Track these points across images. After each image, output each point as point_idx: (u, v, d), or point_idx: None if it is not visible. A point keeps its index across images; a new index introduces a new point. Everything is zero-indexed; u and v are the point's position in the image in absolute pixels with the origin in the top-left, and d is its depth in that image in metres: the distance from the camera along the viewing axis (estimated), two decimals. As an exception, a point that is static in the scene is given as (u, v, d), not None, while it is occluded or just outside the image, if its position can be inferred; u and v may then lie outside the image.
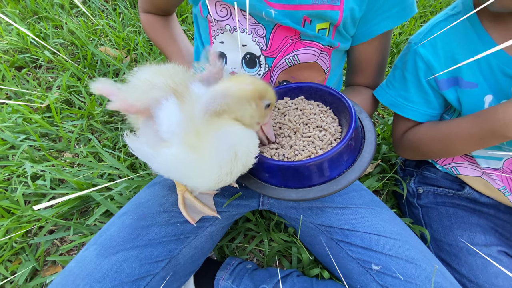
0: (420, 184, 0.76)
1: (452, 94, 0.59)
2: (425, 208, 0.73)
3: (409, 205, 0.79)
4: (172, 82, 0.40)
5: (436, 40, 0.57)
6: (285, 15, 0.51)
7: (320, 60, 0.58)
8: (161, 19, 0.74)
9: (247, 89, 0.36)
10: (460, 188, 0.71)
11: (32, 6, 1.25)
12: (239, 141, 0.37)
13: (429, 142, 0.62)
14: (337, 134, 0.46)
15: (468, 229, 0.65)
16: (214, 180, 0.38)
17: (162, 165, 0.39)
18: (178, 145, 0.37)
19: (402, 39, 1.25)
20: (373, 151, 0.44)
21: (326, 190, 0.41)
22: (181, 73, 0.44)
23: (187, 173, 0.39)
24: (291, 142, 0.46)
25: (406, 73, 0.62)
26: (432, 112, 0.63)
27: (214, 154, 0.36)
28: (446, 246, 0.66)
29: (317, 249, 0.63)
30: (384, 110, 1.09)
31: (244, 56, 0.58)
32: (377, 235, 0.54)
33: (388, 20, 0.56)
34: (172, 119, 0.37)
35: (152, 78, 0.41)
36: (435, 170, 0.75)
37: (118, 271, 0.46)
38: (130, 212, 0.55)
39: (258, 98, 0.36)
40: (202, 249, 0.59)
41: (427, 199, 0.74)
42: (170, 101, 0.38)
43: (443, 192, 0.72)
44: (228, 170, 0.37)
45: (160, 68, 0.44)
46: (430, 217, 0.71)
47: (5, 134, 0.89)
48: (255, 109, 0.37)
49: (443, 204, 0.71)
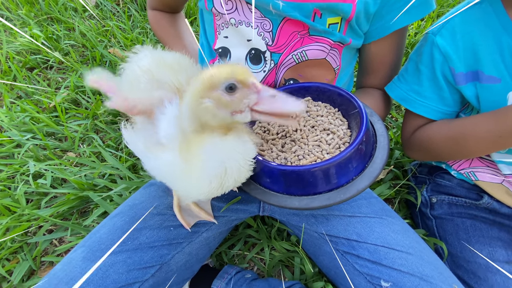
0: (433, 192, 0.70)
1: (470, 90, 0.53)
2: (440, 220, 0.67)
3: (422, 216, 0.72)
4: (176, 81, 0.37)
5: (455, 29, 0.52)
6: (294, 7, 0.48)
7: (329, 57, 0.55)
8: (168, 16, 0.73)
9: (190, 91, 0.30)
10: (478, 197, 0.64)
11: (46, 9, 1.28)
12: (228, 156, 0.33)
13: (440, 141, 0.57)
14: (346, 137, 0.42)
15: (488, 243, 0.59)
16: (204, 193, 0.35)
17: (156, 168, 0.37)
18: (172, 152, 0.34)
19: (418, 39, 1.19)
20: (385, 157, 0.40)
21: (332, 199, 0.37)
22: (188, 69, 0.41)
23: (178, 182, 0.36)
24: (296, 146, 0.42)
25: (420, 65, 0.57)
26: (446, 110, 0.58)
27: (203, 169, 0.33)
28: (463, 262, 0.59)
29: (321, 260, 0.59)
30: (398, 113, 1.03)
31: (248, 51, 0.55)
32: (388, 248, 0.49)
33: (405, 15, 0.52)
34: (171, 126, 0.35)
35: (156, 71, 0.38)
36: (450, 177, 0.68)
37: (103, 276, 0.44)
38: (122, 213, 0.52)
39: (208, 91, 0.29)
40: (197, 255, 0.55)
41: (441, 209, 0.67)
42: (174, 106, 0.35)
43: (459, 201, 0.66)
44: (218, 185, 0.34)
45: (164, 57, 0.40)
46: (445, 229, 0.65)
47: (12, 132, 0.90)
48: (215, 105, 0.30)
49: (459, 215, 0.65)
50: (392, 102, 0.72)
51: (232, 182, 0.35)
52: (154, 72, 0.38)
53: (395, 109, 1.07)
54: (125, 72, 0.41)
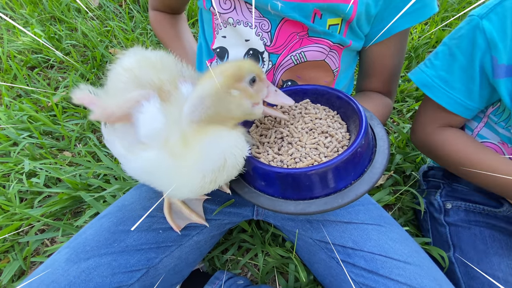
0: (448, 198, 0.66)
1: (507, 86, 0.48)
2: (454, 227, 0.63)
3: (433, 222, 0.68)
4: (158, 80, 0.36)
5: (506, 14, 0.46)
6: (294, 7, 0.47)
7: (328, 59, 0.53)
8: (169, 17, 0.73)
9: (219, 81, 0.31)
10: (498, 204, 0.61)
11: (49, 9, 1.29)
12: (229, 150, 0.33)
13: (454, 160, 0.54)
14: (345, 141, 0.41)
15: (508, 255, 0.55)
16: (195, 189, 0.34)
17: (137, 168, 0.35)
18: (157, 149, 0.33)
19: (421, 43, 1.17)
20: (385, 162, 0.38)
21: (330, 204, 0.35)
22: (171, 67, 0.40)
23: (165, 180, 0.35)
24: (293, 149, 0.41)
25: (456, 50, 0.51)
26: (470, 105, 0.54)
27: (200, 162, 0.32)
28: (479, 274, 0.56)
29: (316, 268, 0.56)
30: (399, 118, 1.00)
31: (246, 52, 0.54)
32: (385, 257, 0.47)
33: (406, 17, 0.51)
34: (152, 122, 0.34)
35: (137, 69, 0.38)
36: (467, 182, 0.64)
37: (86, 279, 0.42)
38: (110, 214, 0.51)
39: (235, 82, 0.32)
40: (186, 260, 0.53)
41: (457, 216, 0.63)
42: (151, 103, 0.35)
43: (477, 208, 0.62)
44: (213, 179, 0.34)
45: (147, 56, 0.40)
46: (461, 238, 0.61)
47: (9, 130, 0.89)
48: (241, 95, 0.33)
49: (476, 223, 0.61)
50: (393, 106, 0.70)
51: (225, 178, 0.35)
52: (135, 70, 0.37)
53: (397, 113, 1.05)
54: (110, 73, 0.40)
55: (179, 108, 0.33)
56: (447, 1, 1.39)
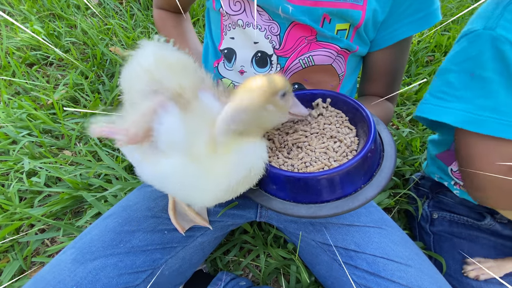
0: (434, 208, 0.69)
1: None
2: (437, 236, 0.66)
3: (420, 230, 0.71)
4: (178, 86, 0.35)
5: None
6: (304, 11, 0.48)
7: (335, 64, 0.54)
8: (173, 16, 0.73)
9: (257, 97, 0.32)
10: (480, 217, 0.63)
11: (48, 6, 1.27)
12: (255, 161, 0.34)
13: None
14: (354, 145, 0.41)
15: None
16: (216, 197, 0.35)
17: (156, 174, 0.35)
18: (179, 157, 0.33)
19: (421, 47, 1.18)
20: (393, 166, 0.39)
21: (341, 207, 0.36)
22: (191, 73, 0.39)
23: (187, 187, 0.35)
24: (302, 153, 0.41)
25: (481, 71, 0.44)
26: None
27: (229, 172, 0.33)
28: (455, 282, 0.59)
29: (318, 269, 0.57)
30: (399, 122, 1.02)
31: (255, 54, 0.54)
32: (386, 259, 0.48)
33: (411, 25, 0.52)
34: (173, 133, 0.34)
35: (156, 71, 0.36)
36: (452, 195, 0.67)
37: (93, 280, 0.42)
38: (115, 214, 0.51)
39: (271, 97, 0.33)
40: (190, 260, 0.54)
41: (441, 226, 0.66)
42: (170, 112, 0.34)
43: (460, 220, 0.65)
44: (235, 188, 0.34)
45: (167, 57, 0.38)
46: (442, 247, 0.64)
47: (8, 128, 0.88)
48: (275, 110, 0.34)
49: (458, 234, 0.64)
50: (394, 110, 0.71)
51: (246, 188, 0.36)
52: (154, 72, 0.36)
53: (396, 117, 1.06)
54: (126, 70, 0.39)
55: (201, 119, 0.33)
56: (445, 6, 1.41)
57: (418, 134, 0.94)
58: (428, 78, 1.14)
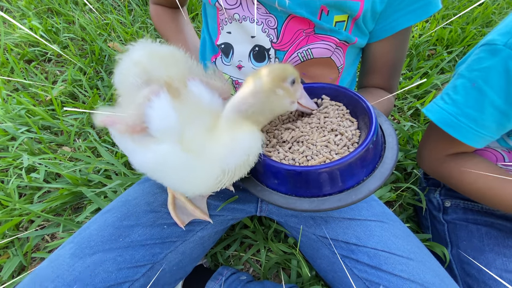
0: (447, 196, 0.67)
1: None
2: (452, 225, 0.64)
3: (432, 220, 0.69)
4: (167, 76, 0.36)
5: None
6: (300, 4, 0.47)
7: (334, 56, 0.53)
8: (170, 11, 0.72)
9: (268, 80, 0.33)
10: None
11: (46, 1, 1.26)
12: (252, 148, 0.35)
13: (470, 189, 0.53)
14: (355, 138, 0.41)
15: (503, 253, 0.56)
16: (209, 185, 0.35)
17: (148, 161, 0.35)
18: (171, 142, 0.33)
19: (422, 41, 1.17)
20: (395, 157, 0.39)
21: (344, 200, 0.35)
22: (181, 64, 0.39)
23: (179, 175, 0.35)
24: (303, 147, 0.41)
25: (483, 85, 0.46)
26: (495, 136, 0.50)
27: (225, 157, 0.33)
28: (474, 271, 0.57)
29: (319, 263, 0.57)
30: (400, 116, 1.01)
31: (252, 48, 0.53)
32: (388, 253, 0.47)
33: (410, 15, 0.50)
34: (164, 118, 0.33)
35: (147, 63, 0.37)
36: None
37: (92, 274, 0.42)
38: (114, 209, 0.51)
39: (281, 82, 0.35)
40: (190, 255, 0.54)
41: (455, 214, 0.64)
42: (162, 98, 0.34)
43: (475, 207, 0.63)
44: (231, 175, 0.34)
45: (157, 50, 0.40)
46: (458, 235, 0.62)
47: (7, 125, 0.88)
48: (284, 94, 0.35)
49: (474, 221, 0.62)
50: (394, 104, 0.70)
51: (240, 175, 0.36)
52: (145, 64, 0.37)
53: (398, 111, 1.05)
54: (118, 65, 0.39)
55: (191, 106, 0.33)
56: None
57: (420, 128, 0.93)
58: (430, 72, 1.12)
